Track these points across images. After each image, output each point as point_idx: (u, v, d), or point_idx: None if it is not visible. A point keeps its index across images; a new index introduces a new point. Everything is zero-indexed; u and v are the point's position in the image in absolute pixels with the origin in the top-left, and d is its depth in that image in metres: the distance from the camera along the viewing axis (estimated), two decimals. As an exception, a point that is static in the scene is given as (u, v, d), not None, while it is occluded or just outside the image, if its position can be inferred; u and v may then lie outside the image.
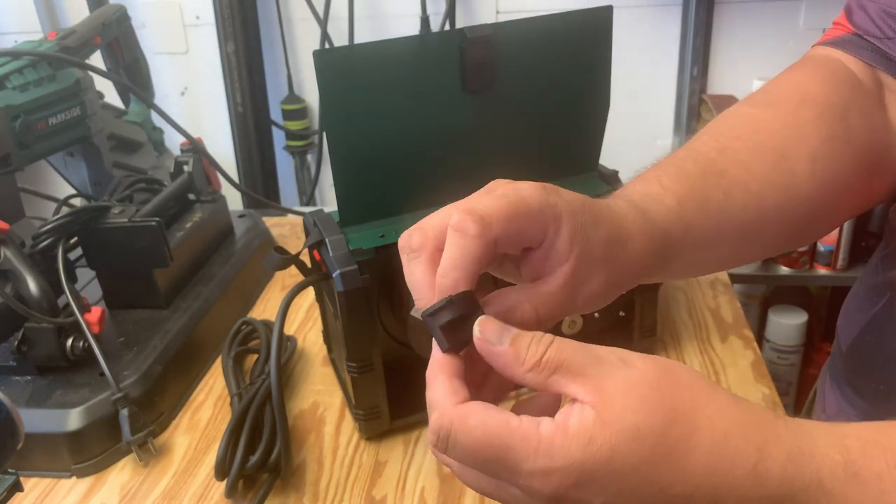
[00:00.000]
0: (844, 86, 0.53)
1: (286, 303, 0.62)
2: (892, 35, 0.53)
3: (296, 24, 1.47)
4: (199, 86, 1.54)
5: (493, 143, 0.66)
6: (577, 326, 0.72)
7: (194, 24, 1.48)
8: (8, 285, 0.67)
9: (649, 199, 0.44)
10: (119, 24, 0.99)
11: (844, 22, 0.57)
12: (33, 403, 0.66)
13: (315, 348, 0.81)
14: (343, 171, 0.61)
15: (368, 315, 0.60)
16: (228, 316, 0.83)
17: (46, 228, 0.71)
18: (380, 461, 0.65)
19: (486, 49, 0.61)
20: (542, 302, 0.37)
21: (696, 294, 0.86)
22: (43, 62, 0.80)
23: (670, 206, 0.44)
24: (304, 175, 1.60)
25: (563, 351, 0.33)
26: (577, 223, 0.37)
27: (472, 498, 0.60)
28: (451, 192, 0.66)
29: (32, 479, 0.64)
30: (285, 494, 0.62)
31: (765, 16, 1.32)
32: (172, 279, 0.80)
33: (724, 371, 0.72)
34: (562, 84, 0.66)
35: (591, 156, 0.72)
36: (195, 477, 0.64)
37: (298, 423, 0.70)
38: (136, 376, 0.68)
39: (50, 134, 0.81)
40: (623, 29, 1.36)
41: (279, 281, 0.96)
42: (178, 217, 0.87)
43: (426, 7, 1.37)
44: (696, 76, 1.36)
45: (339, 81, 0.58)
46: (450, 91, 0.62)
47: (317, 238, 0.63)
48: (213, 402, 0.74)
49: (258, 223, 1.01)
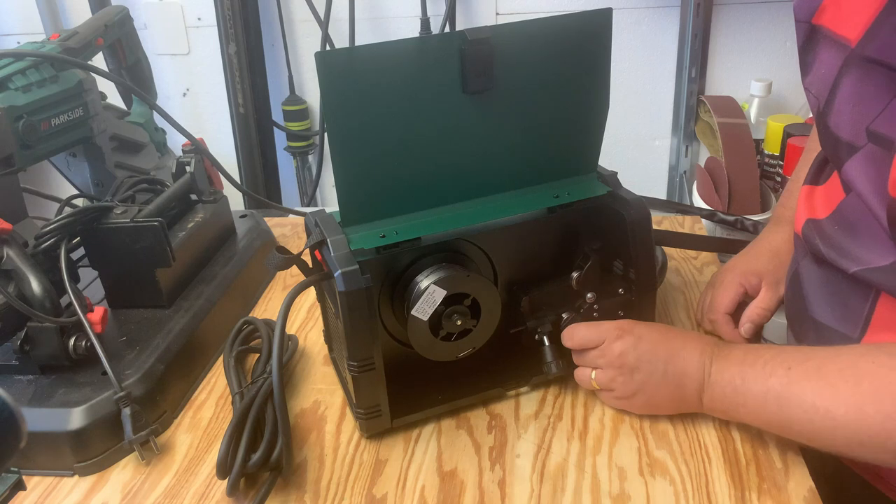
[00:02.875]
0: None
1: (288, 302, 0.63)
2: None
3: (297, 25, 1.47)
4: (201, 87, 1.55)
5: (493, 144, 0.66)
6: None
7: (196, 26, 1.49)
8: (11, 285, 0.67)
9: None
10: (121, 25, 0.99)
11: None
12: (36, 402, 0.66)
13: (316, 347, 0.81)
14: (344, 172, 0.62)
15: (369, 314, 0.61)
16: (230, 315, 0.83)
17: (49, 228, 0.72)
18: (380, 460, 0.65)
19: (486, 51, 0.61)
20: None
21: (695, 294, 0.87)
22: (45, 63, 0.80)
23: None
24: (306, 175, 1.60)
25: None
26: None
27: (471, 497, 0.60)
28: (451, 193, 0.67)
29: (35, 478, 0.65)
30: (286, 493, 0.62)
31: (763, 17, 1.33)
32: (174, 279, 0.81)
33: (722, 371, 0.73)
34: (561, 85, 0.66)
35: (591, 157, 0.72)
36: (197, 475, 0.65)
37: (300, 421, 0.70)
38: (138, 375, 0.69)
39: (53, 135, 0.81)
40: (622, 30, 1.36)
41: (280, 281, 0.97)
42: (180, 217, 0.87)
43: (426, 9, 1.38)
44: (695, 77, 1.36)
45: (341, 83, 0.58)
46: (450, 92, 0.62)
47: (318, 238, 0.63)
48: (215, 401, 0.74)
49: (260, 223, 1.01)
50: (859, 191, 0.55)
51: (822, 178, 0.66)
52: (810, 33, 0.61)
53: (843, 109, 0.56)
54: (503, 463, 0.64)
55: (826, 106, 0.58)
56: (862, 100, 0.54)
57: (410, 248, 0.64)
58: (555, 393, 0.72)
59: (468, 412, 0.70)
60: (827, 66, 0.58)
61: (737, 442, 0.64)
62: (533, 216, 0.70)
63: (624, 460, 0.63)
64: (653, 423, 0.67)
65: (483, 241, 0.69)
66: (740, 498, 0.58)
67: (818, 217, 0.63)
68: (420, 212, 0.66)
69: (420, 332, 0.65)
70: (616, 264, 0.71)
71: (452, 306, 0.65)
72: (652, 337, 0.64)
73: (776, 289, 0.75)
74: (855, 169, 0.55)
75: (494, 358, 0.72)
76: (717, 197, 1.12)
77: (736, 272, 0.77)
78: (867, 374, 0.51)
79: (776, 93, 1.32)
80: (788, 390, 0.55)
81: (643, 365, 0.64)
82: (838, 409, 0.51)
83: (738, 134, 1.19)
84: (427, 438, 0.67)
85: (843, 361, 0.53)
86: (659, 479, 0.61)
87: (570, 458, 0.64)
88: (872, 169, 0.54)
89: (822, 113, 0.59)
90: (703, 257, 0.96)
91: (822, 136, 0.60)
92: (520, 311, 0.71)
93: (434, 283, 0.64)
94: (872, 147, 0.53)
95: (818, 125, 0.61)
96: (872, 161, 0.54)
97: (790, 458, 0.62)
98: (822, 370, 0.53)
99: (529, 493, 0.60)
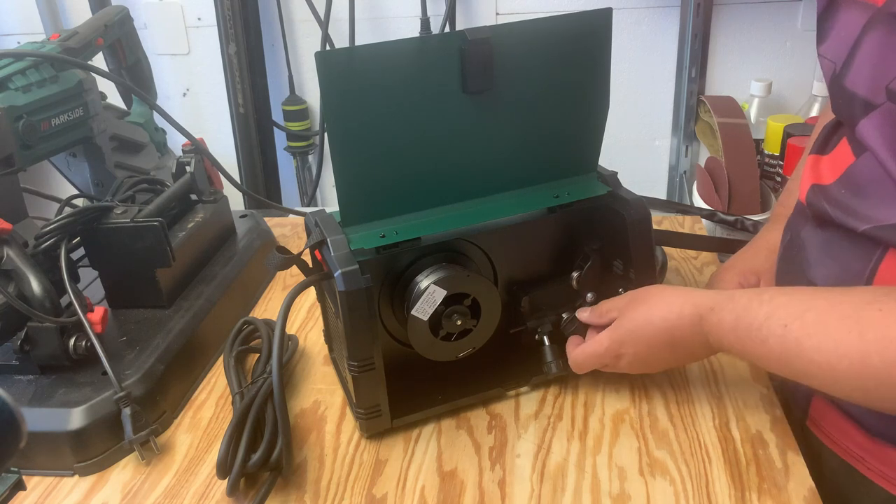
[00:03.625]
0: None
1: (288, 302, 0.63)
2: None
3: (297, 25, 1.47)
4: (201, 87, 1.55)
5: (493, 144, 0.66)
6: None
7: (196, 26, 1.49)
8: (11, 285, 0.67)
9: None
10: (121, 25, 0.99)
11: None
12: (36, 402, 0.66)
13: (316, 347, 0.81)
14: (344, 172, 0.62)
15: (369, 314, 0.61)
16: (230, 315, 0.83)
17: (49, 228, 0.72)
18: (380, 460, 0.65)
19: (486, 50, 0.61)
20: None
21: (695, 294, 0.87)
22: (46, 63, 0.81)
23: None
24: (306, 175, 1.60)
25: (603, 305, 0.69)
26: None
27: (471, 497, 0.60)
28: (451, 193, 0.67)
29: (35, 478, 0.65)
30: (286, 493, 0.62)
31: (763, 17, 1.33)
32: (174, 279, 0.81)
33: (722, 371, 0.73)
34: (561, 85, 0.66)
35: (591, 157, 0.72)
36: (197, 475, 0.65)
37: (300, 421, 0.70)
38: (139, 375, 0.69)
39: (53, 135, 0.81)
40: (622, 30, 1.36)
41: (280, 281, 0.97)
42: (180, 217, 0.87)
43: (426, 9, 1.38)
44: (695, 77, 1.36)
45: (341, 83, 0.58)
46: (450, 92, 0.62)
47: (318, 238, 0.63)
48: (215, 401, 0.74)
49: (260, 223, 1.01)
50: (874, 149, 0.55)
51: (828, 147, 0.65)
52: (832, 0, 0.61)
53: (862, 67, 0.56)
54: (503, 463, 0.64)
55: (843, 67, 0.58)
56: (884, 57, 0.53)
57: (410, 248, 0.64)
58: (555, 393, 0.72)
59: (468, 412, 0.70)
60: (847, 29, 0.57)
61: (737, 442, 0.64)
62: (533, 216, 0.70)
63: (624, 460, 0.63)
64: (653, 422, 0.67)
65: (483, 241, 0.69)
66: (740, 498, 0.58)
67: (824, 183, 0.62)
68: (420, 212, 0.66)
69: (420, 332, 0.65)
70: (616, 264, 0.71)
71: (452, 306, 0.65)
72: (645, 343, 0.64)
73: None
74: (871, 127, 0.55)
75: (494, 358, 0.72)
76: (717, 197, 1.12)
77: (734, 271, 0.77)
78: (872, 322, 0.49)
79: (776, 93, 1.32)
80: (787, 349, 0.53)
81: (652, 360, 0.65)
82: (841, 363, 0.50)
83: (738, 134, 1.19)
84: (427, 438, 0.67)
85: (846, 309, 0.51)
86: (659, 479, 0.61)
87: (570, 458, 0.64)
88: (889, 127, 0.54)
89: (838, 75, 0.59)
90: (703, 257, 0.96)
91: (836, 98, 0.60)
92: (520, 311, 0.71)
93: (434, 283, 0.64)
94: (890, 105, 0.53)
95: (831, 88, 0.60)
96: (890, 119, 0.54)
97: (790, 458, 0.62)
98: (823, 321, 0.51)
99: (529, 493, 0.60)
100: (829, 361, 0.50)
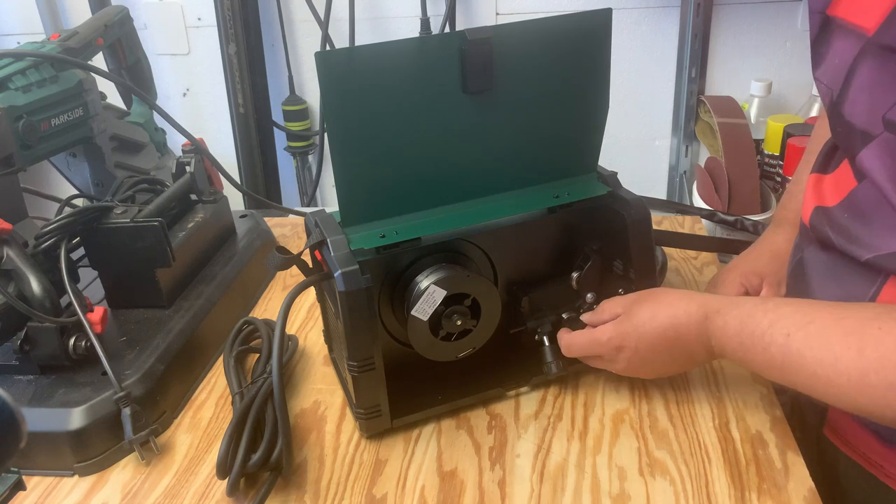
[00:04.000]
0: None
1: (288, 302, 0.63)
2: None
3: (297, 25, 1.47)
4: (201, 87, 1.55)
5: (493, 144, 0.66)
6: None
7: (196, 26, 1.49)
8: (11, 285, 0.67)
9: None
10: (121, 25, 0.99)
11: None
12: (36, 402, 0.66)
13: (316, 348, 0.81)
14: (344, 172, 0.62)
15: (369, 314, 0.61)
16: (230, 315, 0.83)
17: (49, 228, 0.72)
18: (380, 459, 0.65)
19: (486, 51, 0.61)
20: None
21: (695, 294, 0.87)
22: (45, 63, 0.81)
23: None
24: (306, 176, 1.60)
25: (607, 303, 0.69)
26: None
27: (471, 497, 0.60)
28: (451, 193, 0.67)
29: (35, 478, 0.65)
30: (286, 493, 0.62)
31: (763, 17, 1.33)
32: (174, 279, 0.81)
33: (721, 372, 0.73)
34: (561, 85, 0.66)
35: (591, 157, 0.72)
36: (197, 475, 0.65)
37: (300, 421, 0.70)
38: (138, 375, 0.69)
39: (52, 135, 0.81)
40: (622, 30, 1.36)
41: (280, 281, 0.97)
42: (180, 217, 0.87)
43: (426, 9, 1.38)
44: (695, 77, 1.36)
45: (341, 83, 0.58)
46: (450, 92, 0.62)
47: (318, 238, 0.63)
48: (215, 401, 0.74)
49: (260, 223, 1.01)
50: (875, 179, 0.55)
51: (830, 166, 0.65)
52: (824, 24, 0.61)
53: (858, 98, 0.56)
54: (503, 463, 0.64)
55: (840, 95, 0.58)
56: (878, 88, 0.54)
57: (410, 248, 0.64)
58: (555, 393, 0.72)
59: (468, 412, 0.70)
60: (841, 56, 0.58)
61: (737, 442, 0.64)
62: (533, 216, 0.70)
63: (624, 460, 0.63)
64: (653, 422, 0.67)
65: (483, 241, 0.69)
66: (740, 498, 0.58)
67: (827, 205, 0.62)
68: (420, 212, 0.66)
69: (420, 332, 0.65)
70: (616, 264, 0.71)
71: (452, 306, 0.65)
72: (648, 340, 0.64)
73: (777, 289, 0.75)
74: (870, 157, 0.55)
75: (494, 358, 0.72)
76: (717, 197, 1.12)
77: (737, 272, 0.77)
78: (872, 340, 0.49)
79: (776, 93, 1.32)
80: (788, 359, 0.54)
81: (650, 361, 0.65)
82: (840, 378, 0.50)
83: (738, 134, 1.19)
84: (427, 438, 0.67)
85: (850, 324, 0.51)
86: (659, 479, 0.61)
87: (570, 458, 0.64)
88: (888, 157, 0.54)
89: (835, 103, 0.59)
90: (703, 257, 0.96)
91: (836, 126, 0.60)
92: (520, 311, 0.71)
93: (434, 283, 0.64)
94: (888, 136, 0.53)
95: (830, 115, 0.61)
96: (888, 149, 0.54)
97: (790, 458, 0.62)
98: (825, 335, 0.52)
99: (529, 493, 0.60)
100: (829, 376, 0.51)
